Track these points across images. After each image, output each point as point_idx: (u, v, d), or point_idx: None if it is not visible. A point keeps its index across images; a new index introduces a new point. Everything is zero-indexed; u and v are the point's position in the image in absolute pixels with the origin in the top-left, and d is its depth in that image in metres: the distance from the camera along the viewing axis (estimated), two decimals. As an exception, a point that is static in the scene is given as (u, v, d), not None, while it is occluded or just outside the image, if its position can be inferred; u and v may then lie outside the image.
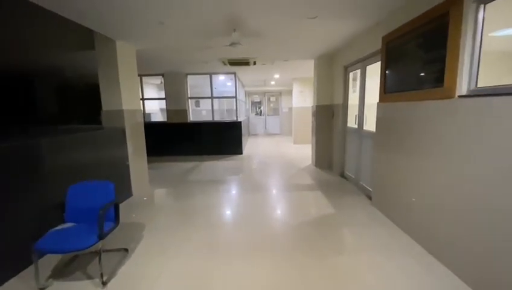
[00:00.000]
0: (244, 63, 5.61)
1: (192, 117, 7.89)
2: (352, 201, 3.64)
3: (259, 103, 13.60)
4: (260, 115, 13.42)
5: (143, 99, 7.36)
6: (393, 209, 2.92)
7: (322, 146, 5.56)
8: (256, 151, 8.00)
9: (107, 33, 3.59)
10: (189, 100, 7.44)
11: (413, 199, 2.55)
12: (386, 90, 3.04)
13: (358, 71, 4.10)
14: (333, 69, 5.15)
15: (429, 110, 2.31)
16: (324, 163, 5.59)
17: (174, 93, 7.22)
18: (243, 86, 10.68)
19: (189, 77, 7.36)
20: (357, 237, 2.67)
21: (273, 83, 10.41)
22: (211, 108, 11.02)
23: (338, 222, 2.99)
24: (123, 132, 3.91)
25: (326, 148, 5.54)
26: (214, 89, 7.47)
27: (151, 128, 7.34)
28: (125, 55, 3.97)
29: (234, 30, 3.26)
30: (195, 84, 8.65)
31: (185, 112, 7.27)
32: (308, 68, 6.72)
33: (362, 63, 3.93)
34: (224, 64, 5.75)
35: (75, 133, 3.08)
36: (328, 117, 5.40)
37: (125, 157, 3.96)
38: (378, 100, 3.23)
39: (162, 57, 5.42)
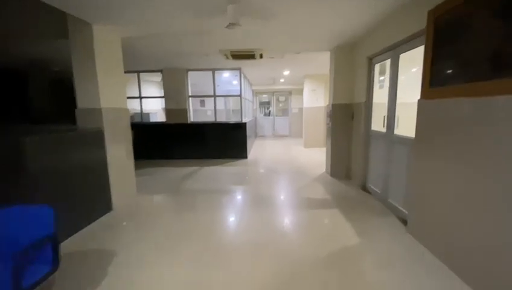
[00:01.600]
0: (249, 56, 4.91)
1: (194, 117, 7.26)
2: (381, 225, 2.85)
3: (268, 103, 12.88)
4: (269, 115, 12.69)
5: (140, 97, 6.78)
6: (444, 243, 2.13)
7: (339, 152, 4.77)
8: (263, 155, 7.27)
9: (81, 15, 2.96)
10: (190, 99, 6.80)
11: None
12: (433, 83, 2.26)
13: (388, 62, 3.32)
14: (354, 62, 4.37)
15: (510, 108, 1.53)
16: (341, 172, 4.80)
17: (174, 91, 6.59)
18: (250, 84, 9.99)
19: (190, 73, 6.72)
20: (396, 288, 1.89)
21: (282, 80, 9.66)
22: (221, 107, 10.45)
23: (366, 261, 2.23)
24: (101, 134, 3.27)
25: (343, 154, 4.75)
26: (217, 87, 6.80)
27: (148, 130, 6.75)
28: (106, 43, 3.34)
29: (230, 4, 2.56)
30: (198, 82, 8.02)
31: (185, 112, 6.63)
32: (322, 63, 5.95)
33: (393, 51, 3.14)
34: (227, 57, 5.07)
35: (35, 135, 2.45)
36: (346, 118, 4.61)
37: (103, 165, 3.32)
38: (419, 97, 2.45)
39: (158, 49, 4.79)
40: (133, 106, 7.04)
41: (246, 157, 6.68)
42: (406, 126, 3.18)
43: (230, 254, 2.36)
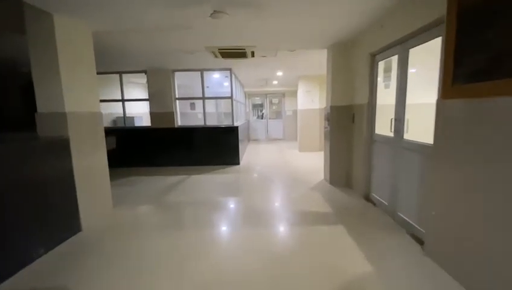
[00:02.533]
0: (239, 53, 4.50)
1: (183, 121, 6.79)
2: (393, 246, 2.46)
3: (261, 105, 12.50)
4: (262, 118, 12.30)
5: (123, 100, 6.28)
6: (475, 271, 1.75)
7: (338, 158, 4.39)
8: (256, 160, 6.85)
9: (39, 3, 2.50)
10: (177, 102, 6.34)
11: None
12: (457, 80, 1.89)
13: (394, 58, 2.96)
14: (354, 59, 4.01)
15: None
16: (341, 179, 4.42)
17: (159, 93, 6.12)
18: (242, 86, 9.58)
19: (177, 74, 6.27)
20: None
21: (275, 82, 9.30)
22: (212, 110, 9.98)
23: (384, 295, 1.82)
24: (65, 142, 2.79)
25: (343, 161, 4.37)
26: (207, 89, 6.37)
27: (132, 135, 6.26)
28: (71, 38, 2.87)
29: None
30: (186, 84, 7.58)
31: (171, 116, 6.16)
32: (318, 63, 5.59)
33: (402, 45, 2.78)
34: (215, 56, 4.65)
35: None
36: (346, 121, 4.24)
37: (69, 179, 2.83)
38: (438, 96, 2.09)
39: (139, 47, 4.34)
40: (116, 109, 6.54)
41: (238, 163, 6.25)
42: (417, 130, 2.83)
43: (216, 291, 1.92)
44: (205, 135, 6.17)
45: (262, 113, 12.38)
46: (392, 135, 3.01)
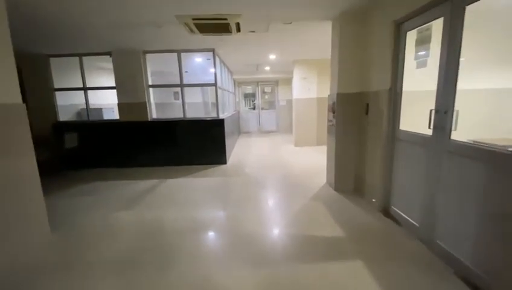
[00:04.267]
0: (221, 26, 3.51)
1: (163, 113, 5.83)
2: (445, 302, 1.65)
3: (253, 95, 11.50)
4: (254, 109, 11.33)
5: (84, 89, 5.22)
6: None
7: (346, 158, 3.55)
8: (247, 158, 5.96)
9: None
10: (151, 90, 5.32)
11: None
12: None
13: (437, 24, 2.06)
14: (369, 32, 3.10)
15: None
16: (348, 184, 3.60)
17: (128, 80, 5.09)
18: (231, 73, 8.56)
19: (150, 57, 5.23)
20: None
21: (267, 68, 8.32)
22: (198, 100, 8.95)
23: None
24: None
25: (352, 161, 3.53)
26: (186, 74, 5.37)
27: (96, 130, 5.25)
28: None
29: None
30: (164, 69, 6.54)
31: (143, 107, 5.16)
32: (316, 43, 4.66)
33: (451, 1, 1.89)
34: (191, 30, 3.65)
35: None
36: (357, 113, 3.38)
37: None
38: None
39: (94, 20, 3.31)
40: (80, 99, 5.48)
41: (224, 162, 5.35)
42: (470, 127, 1.98)
43: None
44: (185, 129, 5.21)
45: (254, 104, 11.41)
46: (429, 132, 2.16)
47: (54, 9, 2.99)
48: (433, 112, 2.10)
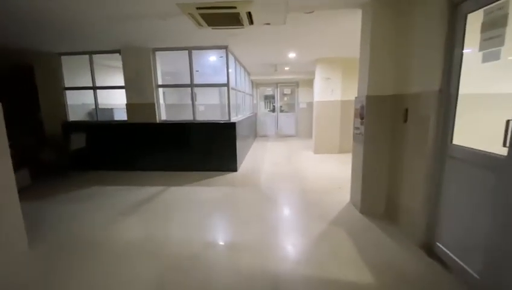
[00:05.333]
0: (230, 17, 3.06)
1: (177, 115, 5.54)
2: None
3: (272, 97, 10.98)
4: (273, 111, 10.81)
5: (94, 88, 5.05)
6: None
7: (376, 175, 2.93)
8: (260, 166, 5.46)
9: None
10: (160, 90, 5.02)
11: None
12: None
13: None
14: (410, 19, 2.48)
15: None
16: (377, 207, 2.97)
17: (137, 79, 4.82)
18: (248, 73, 8.14)
19: (160, 55, 4.93)
20: None
21: (287, 68, 7.78)
22: (215, 101, 8.61)
23: None
24: None
25: (384, 180, 2.91)
26: (204, 76, 5.04)
27: (104, 131, 5.04)
28: None
29: None
30: (176, 70, 6.25)
31: (151, 108, 4.86)
32: (344, 37, 4.06)
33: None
34: (198, 22, 3.24)
35: None
36: (391, 119, 2.76)
37: None
38: None
39: (94, 13, 3.03)
40: (92, 99, 5.32)
41: (235, 169, 4.89)
42: None
43: None
44: (194, 132, 4.84)
45: (274, 106, 10.88)
46: (503, 151, 1.53)
47: (52, 6, 2.73)
48: (511, 123, 1.47)
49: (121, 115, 5.96)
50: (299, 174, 4.77)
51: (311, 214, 3.06)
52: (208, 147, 4.83)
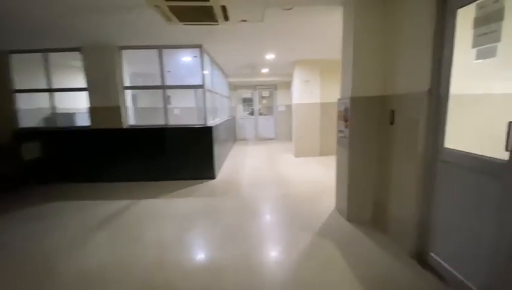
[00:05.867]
0: (203, 11, 2.78)
1: (150, 119, 5.10)
2: None
3: (251, 99, 10.76)
4: (252, 114, 10.59)
5: (50, 90, 4.49)
6: None
7: (363, 181, 2.78)
8: (240, 171, 5.18)
9: None
10: (127, 92, 4.58)
11: None
12: None
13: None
14: (396, 16, 2.37)
15: None
16: (364, 214, 2.83)
17: (100, 80, 4.34)
18: (225, 75, 7.86)
19: (126, 53, 4.50)
20: None
21: (265, 70, 7.61)
22: (191, 104, 8.17)
23: None
24: None
25: (370, 185, 2.77)
26: (168, 74, 4.65)
27: (64, 139, 4.49)
28: None
29: None
30: (149, 71, 5.81)
31: (117, 112, 4.40)
32: (323, 37, 3.93)
33: None
34: (167, 17, 2.92)
35: None
36: (378, 122, 2.63)
37: None
38: None
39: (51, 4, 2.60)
40: (55, 103, 4.72)
41: (213, 177, 4.57)
42: None
43: None
44: (167, 138, 4.45)
45: (252, 109, 10.66)
46: (504, 156, 1.41)
47: None
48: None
49: (85, 120, 5.40)
50: (281, 179, 4.56)
51: (296, 224, 2.84)
52: (183, 154, 4.47)
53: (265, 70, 7.62)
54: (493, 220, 1.48)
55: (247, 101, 11.07)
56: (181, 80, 5.46)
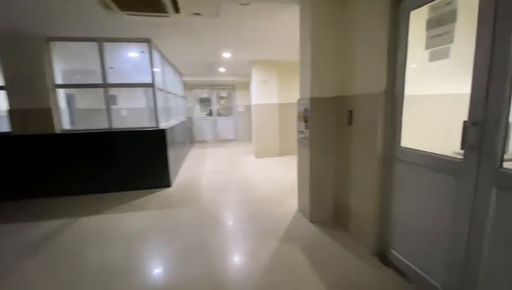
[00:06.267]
0: (149, 2, 2.45)
1: (71, 123, 4.41)
2: None
3: (208, 100, 10.38)
4: (210, 115, 10.22)
5: (-49, 88, 3.58)
6: None
7: (324, 181, 2.77)
8: (199, 176, 4.87)
9: None
10: (60, 91, 3.91)
11: None
12: None
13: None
14: (353, 17, 2.38)
15: None
16: (327, 212, 2.82)
17: (22, 77, 3.62)
18: (179, 73, 7.40)
19: (59, 45, 3.84)
20: None
21: (222, 70, 7.37)
22: (140, 105, 7.43)
23: None
24: None
25: (331, 185, 2.77)
26: (112, 71, 4.11)
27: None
28: None
29: None
30: (91, 67, 5.11)
31: (47, 114, 3.73)
32: (280, 36, 3.87)
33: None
34: (106, 5, 2.51)
35: None
36: (337, 122, 2.64)
37: None
38: None
39: None
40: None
41: (168, 184, 4.18)
42: None
43: None
44: (112, 143, 3.92)
45: (210, 110, 10.28)
46: (458, 154, 1.46)
47: None
48: (468, 124, 1.39)
49: (3, 125, 4.48)
50: (243, 182, 4.40)
51: (260, 230, 2.70)
52: (133, 161, 3.99)
53: (222, 70, 7.38)
54: (449, 216, 1.53)
55: (205, 102, 10.67)
56: (128, 77, 4.90)
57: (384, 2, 1.89)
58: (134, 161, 3.99)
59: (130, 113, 6.44)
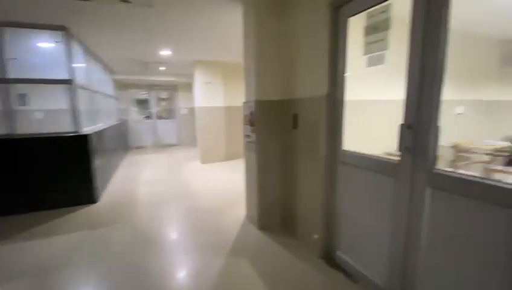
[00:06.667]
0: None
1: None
2: None
3: (147, 101, 9.48)
4: (149, 118, 9.35)
5: None
6: None
7: (271, 186, 2.69)
8: (134, 187, 4.30)
9: None
10: None
11: None
12: None
13: (396, 3, 1.45)
14: (297, 20, 2.35)
15: None
16: (275, 218, 2.75)
17: None
18: (109, 70, 6.54)
19: None
20: None
21: (162, 69, 6.80)
22: (61, 106, 6.24)
23: None
24: None
25: (279, 189, 2.71)
26: (15, 64, 3.30)
27: None
28: None
29: None
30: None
31: None
32: (224, 35, 3.71)
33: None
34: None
35: None
36: (283, 125, 2.59)
37: None
38: None
39: None
40: None
41: (94, 200, 3.54)
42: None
43: None
44: (19, 153, 3.13)
45: (150, 112, 9.41)
46: (396, 156, 1.52)
47: None
48: (403, 127, 1.45)
49: None
50: (187, 191, 4.05)
51: (206, 245, 2.45)
52: (47, 173, 3.25)
53: (162, 69, 6.81)
54: (389, 215, 1.58)
55: (143, 103, 9.73)
56: (40, 72, 4.03)
57: (324, 8, 1.91)
58: (48, 173, 3.26)
59: (47, 115, 5.37)
